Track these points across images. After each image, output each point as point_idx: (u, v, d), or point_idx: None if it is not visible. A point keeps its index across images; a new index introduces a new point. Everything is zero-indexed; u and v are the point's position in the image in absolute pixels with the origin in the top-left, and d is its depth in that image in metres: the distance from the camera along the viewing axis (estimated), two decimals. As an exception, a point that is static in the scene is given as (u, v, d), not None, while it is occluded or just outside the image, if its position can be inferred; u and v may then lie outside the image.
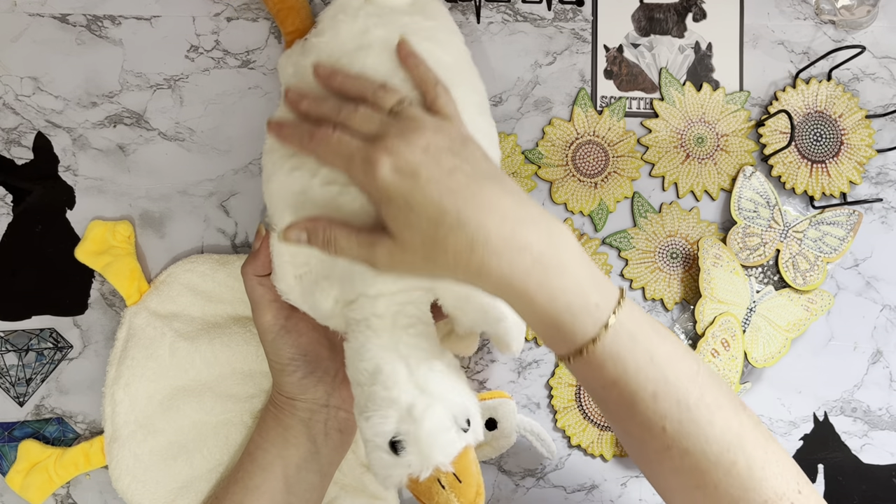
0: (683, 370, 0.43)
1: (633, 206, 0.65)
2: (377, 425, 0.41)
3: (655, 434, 0.43)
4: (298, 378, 0.51)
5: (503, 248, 0.41)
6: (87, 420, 0.61)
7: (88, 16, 0.62)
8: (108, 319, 0.61)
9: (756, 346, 0.63)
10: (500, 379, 0.63)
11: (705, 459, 0.42)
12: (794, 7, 0.66)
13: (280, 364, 0.51)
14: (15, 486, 0.58)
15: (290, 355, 0.51)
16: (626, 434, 0.45)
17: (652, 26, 0.65)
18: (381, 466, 0.42)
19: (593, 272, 0.43)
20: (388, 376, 0.42)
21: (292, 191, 0.48)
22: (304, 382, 0.52)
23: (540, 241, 0.41)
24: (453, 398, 0.42)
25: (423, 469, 0.41)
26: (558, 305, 0.41)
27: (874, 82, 0.66)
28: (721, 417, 0.42)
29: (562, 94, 0.65)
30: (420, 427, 0.40)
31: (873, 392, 0.65)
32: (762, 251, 0.64)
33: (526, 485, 0.63)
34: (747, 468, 0.42)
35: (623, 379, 0.42)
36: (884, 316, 0.66)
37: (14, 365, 0.61)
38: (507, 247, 0.41)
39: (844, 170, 0.65)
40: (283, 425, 0.52)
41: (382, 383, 0.42)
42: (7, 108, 0.62)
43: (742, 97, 0.65)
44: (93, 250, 0.59)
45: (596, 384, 0.43)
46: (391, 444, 0.41)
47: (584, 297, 0.42)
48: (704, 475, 0.42)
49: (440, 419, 0.41)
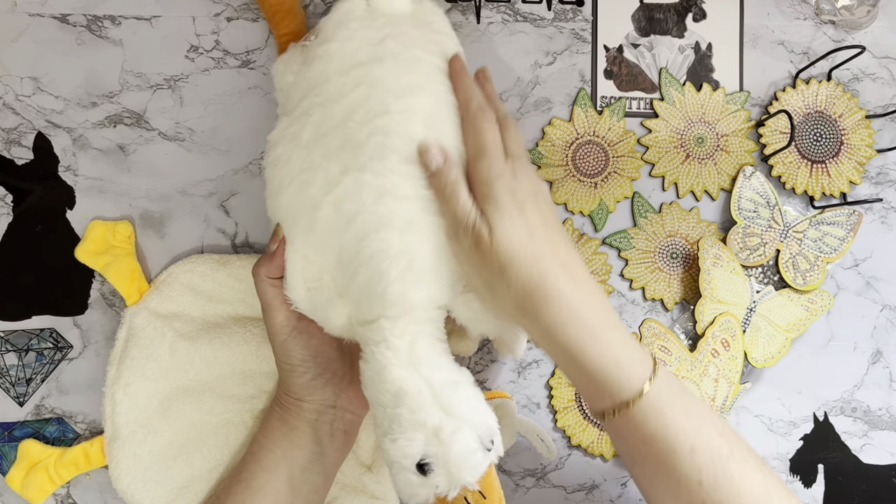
0: (715, 426, 0.45)
1: (633, 206, 0.65)
2: (404, 447, 0.42)
3: (692, 489, 0.44)
4: (308, 379, 0.51)
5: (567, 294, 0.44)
6: (87, 420, 0.61)
7: (88, 16, 0.62)
8: (108, 319, 0.61)
9: (756, 346, 0.63)
10: (500, 379, 0.63)
11: None
12: (794, 7, 0.66)
13: (290, 365, 0.51)
14: (15, 486, 0.58)
15: (301, 357, 0.51)
16: (660, 490, 0.46)
17: (652, 26, 0.65)
18: (408, 486, 0.42)
19: (627, 331, 0.46)
20: (413, 399, 0.42)
21: (304, 207, 0.47)
22: (314, 384, 0.52)
23: (594, 297, 0.45)
24: (478, 420, 0.43)
25: (450, 489, 0.42)
26: (608, 359, 0.44)
27: (874, 82, 0.66)
28: (750, 471, 0.44)
29: (562, 95, 0.65)
30: (449, 450, 0.41)
31: (873, 392, 0.65)
32: (762, 251, 0.64)
33: (526, 485, 0.63)
34: None
35: (664, 433, 0.44)
36: (884, 316, 0.66)
37: (14, 365, 0.61)
38: (572, 294, 0.44)
39: (844, 170, 0.65)
40: (288, 426, 0.52)
41: (408, 406, 0.42)
42: (7, 108, 0.62)
43: (742, 97, 0.65)
44: (93, 250, 0.59)
45: (636, 439, 0.45)
46: (418, 465, 0.41)
47: (630, 353, 0.44)
48: None
49: (467, 442, 0.41)
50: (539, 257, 0.44)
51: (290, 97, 0.51)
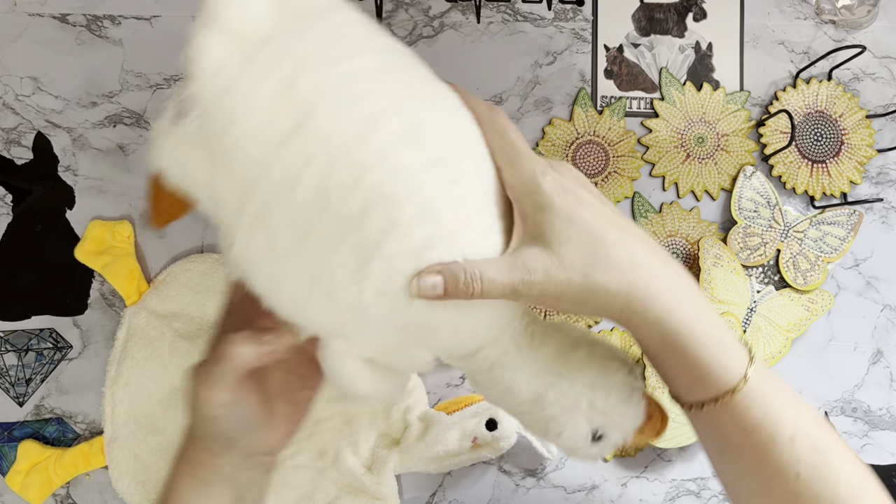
0: (813, 415, 0.42)
1: (633, 206, 0.65)
2: (574, 436, 0.42)
3: (788, 480, 0.41)
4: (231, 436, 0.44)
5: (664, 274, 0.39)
6: (86, 420, 0.61)
7: (88, 16, 0.62)
8: (108, 319, 0.61)
9: (756, 346, 0.63)
10: (500, 379, 0.63)
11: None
12: (795, 7, 0.66)
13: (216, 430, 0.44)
14: (15, 487, 0.58)
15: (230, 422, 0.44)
16: (751, 482, 0.43)
17: (652, 26, 0.65)
18: (591, 456, 0.44)
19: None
20: (553, 393, 0.42)
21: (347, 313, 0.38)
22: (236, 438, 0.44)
23: (689, 277, 0.41)
24: (609, 377, 0.43)
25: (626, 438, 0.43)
26: (712, 344, 0.40)
27: (874, 82, 0.66)
28: (849, 461, 0.42)
29: (562, 94, 0.65)
30: (611, 414, 0.42)
31: (873, 392, 0.65)
32: (763, 251, 0.64)
33: (526, 485, 0.63)
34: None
35: (766, 421, 0.41)
36: (884, 316, 0.65)
37: (14, 365, 0.60)
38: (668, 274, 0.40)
39: (845, 170, 0.65)
40: (203, 484, 0.45)
41: (553, 402, 0.42)
42: (7, 107, 0.62)
43: (742, 97, 0.65)
44: (92, 250, 0.59)
45: (736, 430, 0.42)
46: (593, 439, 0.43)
47: (732, 336, 0.41)
48: None
49: (619, 393, 0.42)
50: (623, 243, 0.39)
51: (222, 201, 0.38)
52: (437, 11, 0.64)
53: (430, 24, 0.63)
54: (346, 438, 0.60)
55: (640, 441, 0.47)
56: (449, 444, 0.58)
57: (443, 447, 0.58)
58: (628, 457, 0.63)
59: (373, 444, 0.60)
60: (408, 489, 0.62)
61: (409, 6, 0.63)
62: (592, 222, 0.39)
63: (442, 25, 0.64)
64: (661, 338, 0.40)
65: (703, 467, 0.64)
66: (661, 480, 0.64)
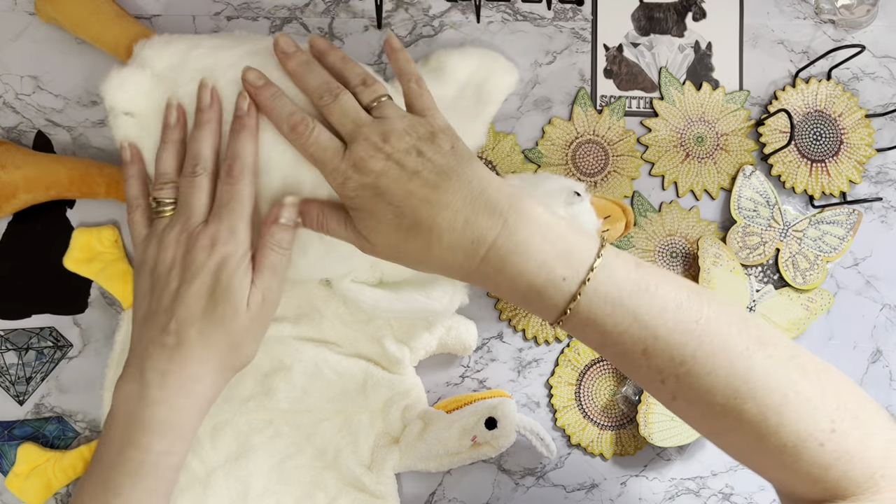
0: (680, 321, 0.42)
1: (632, 206, 0.65)
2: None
3: (657, 386, 0.43)
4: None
5: (456, 243, 0.44)
6: (86, 419, 0.61)
7: (88, 15, 0.62)
8: (108, 318, 0.61)
9: (756, 346, 0.63)
10: (499, 378, 0.63)
11: (711, 410, 0.42)
12: (794, 6, 0.66)
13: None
14: (14, 490, 0.58)
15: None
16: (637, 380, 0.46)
17: (652, 26, 0.66)
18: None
19: (560, 243, 0.44)
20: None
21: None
22: None
23: (493, 228, 0.43)
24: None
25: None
26: (521, 287, 0.44)
27: (874, 82, 0.66)
28: (726, 363, 0.41)
29: (561, 94, 0.65)
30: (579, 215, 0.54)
31: (873, 391, 0.65)
32: (762, 250, 0.64)
33: (526, 484, 0.63)
34: (759, 414, 0.41)
35: (608, 341, 0.43)
36: (883, 315, 0.66)
37: (14, 364, 0.61)
38: (460, 241, 0.44)
39: (844, 169, 0.65)
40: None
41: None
42: (7, 106, 0.62)
43: (742, 96, 0.65)
44: (81, 258, 0.59)
45: (589, 344, 0.45)
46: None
47: (549, 273, 0.43)
48: (715, 423, 0.42)
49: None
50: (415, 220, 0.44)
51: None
52: (436, 11, 0.64)
53: (429, 24, 0.64)
54: (345, 438, 0.60)
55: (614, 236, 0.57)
56: (448, 442, 0.58)
57: (442, 446, 0.58)
58: (628, 455, 0.64)
59: (372, 443, 0.60)
60: (407, 488, 0.62)
61: (409, 6, 0.63)
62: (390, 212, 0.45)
63: (442, 25, 0.64)
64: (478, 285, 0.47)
65: (703, 466, 0.64)
66: (660, 479, 0.64)
